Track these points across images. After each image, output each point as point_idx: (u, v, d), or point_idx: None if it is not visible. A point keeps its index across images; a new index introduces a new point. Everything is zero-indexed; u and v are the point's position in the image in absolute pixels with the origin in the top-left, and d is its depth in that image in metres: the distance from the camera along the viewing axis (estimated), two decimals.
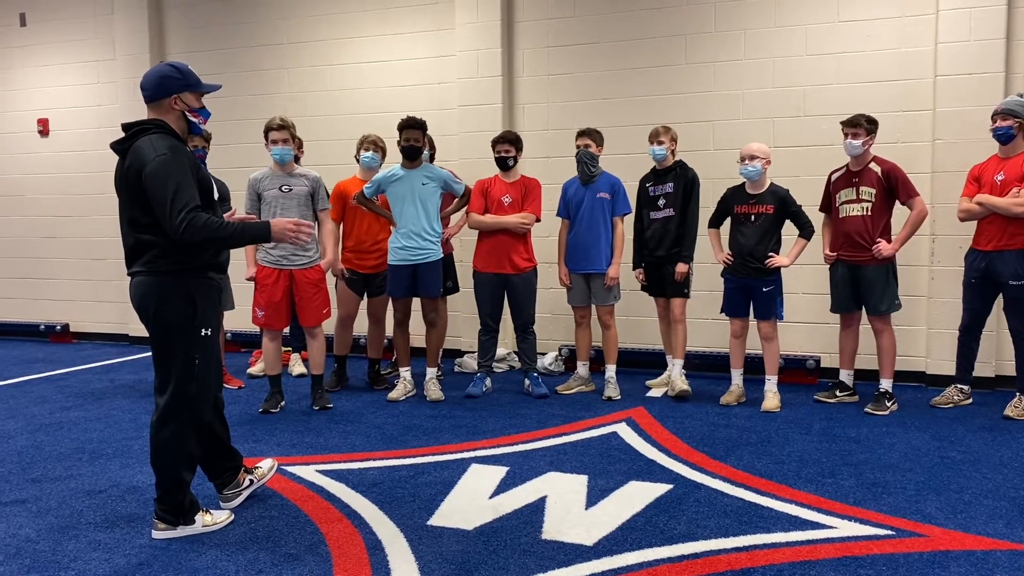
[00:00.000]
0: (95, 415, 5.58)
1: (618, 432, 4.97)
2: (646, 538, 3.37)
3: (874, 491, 3.90)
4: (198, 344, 3.41)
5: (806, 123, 6.34)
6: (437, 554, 3.24)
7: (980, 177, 5.29)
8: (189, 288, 3.37)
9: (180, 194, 3.17)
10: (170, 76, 3.39)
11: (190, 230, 3.17)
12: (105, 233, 8.66)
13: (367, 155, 6.10)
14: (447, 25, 7.27)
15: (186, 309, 3.35)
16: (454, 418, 5.36)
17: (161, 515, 3.44)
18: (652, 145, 5.81)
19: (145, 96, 3.41)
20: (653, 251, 5.88)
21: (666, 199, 5.81)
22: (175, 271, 3.34)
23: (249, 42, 8.03)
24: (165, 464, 3.42)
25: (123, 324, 8.63)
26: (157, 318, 3.35)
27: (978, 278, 5.29)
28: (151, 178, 3.19)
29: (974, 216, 5.28)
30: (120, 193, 3.38)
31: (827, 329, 6.13)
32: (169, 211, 3.16)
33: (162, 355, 3.40)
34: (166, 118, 3.40)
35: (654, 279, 5.94)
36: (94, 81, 8.62)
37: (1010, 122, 5.10)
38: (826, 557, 3.16)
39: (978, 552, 3.21)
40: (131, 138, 3.34)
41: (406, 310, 5.91)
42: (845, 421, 5.17)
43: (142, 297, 3.37)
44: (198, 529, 3.48)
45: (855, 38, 6.21)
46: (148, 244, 3.32)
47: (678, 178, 5.79)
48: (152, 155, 3.21)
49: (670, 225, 5.78)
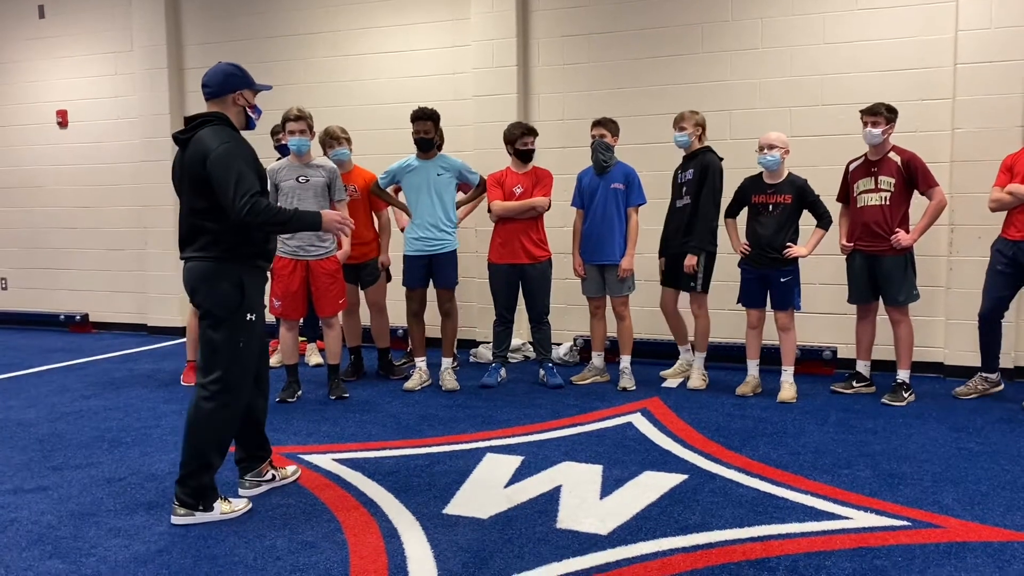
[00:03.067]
0: (114, 404, 5.64)
1: (633, 422, 4.97)
2: (661, 528, 3.37)
3: (890, 482, 3.88)
4: (244, 328, 3.55)
5: (824, 112, 6.29)
6: (452, 542, 3.26)
7: (1013, 167, 5.23)
8: (240, 274, 3.53)
9: (243, 180, 3.37)
10: (233, 74, 3.61)
11: (252, 213, 3.36)
12: (123, 223, 8.74)
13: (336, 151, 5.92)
14: (462, 15, 7.26)
15: (235, 294, 3.51)
16: (469, 408, 5.37)
17: (182, 498, 3.50)
18: (675, 131, 5.75)
19: (207, 92, 3.61)
20: (670, 240, 5.87)
21: (687, 187, 5.76)
22: (226, 258, 3.51)
23: (265, 32, 8.05)
24: (197, 444, 3.49)
25: (141, 314, 8.70)
26: (207, 301, 3.51)
27: (1006, 265, 5.24)
28: (215, 164, 3.38)
29: (1005, 206, 5.22)
30: (179, 181, 3.57)
31: (844, 320, 6.10)
32: (233, 195, 3.35)
33: (209, 337, 3.53)
34: (227, 112, 3.60)
35: (671, 269, 5.92)
36: (112, 72, 8.68)
37: None
38: (842, 548, 3.16)
39: (995, 544, 3.19)
40: (192, 129, 3.52)
41: (422, 301, 5.92)
42: (862, 412, 5.14)
43: (195, 281, 3.53)
44: (215, 516, 3.53)
45: (874, 26, 6.15)
46: (203, 230, 3.49)
47: (696, 164, 5.70)
48: (216, 143, 3.41)
49: (686, 214, 5.75)
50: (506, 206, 5.81)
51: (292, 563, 3.10)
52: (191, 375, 6.22)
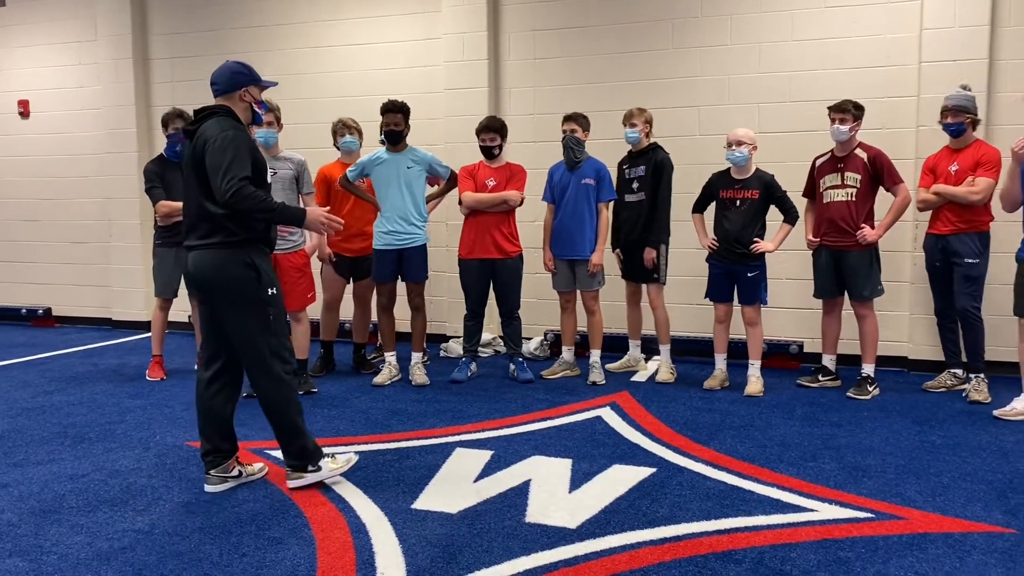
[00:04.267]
0: (78, 399, 5.55)
1: (602, 416, 4.99)
2: (629, 521, 3.39)
3: (855, 475, 3.94)
4: (269, 300, 3.69)
5: (791, 108, 6.35)
6: (421, 537, 3.25)
7: (935, 168, 5.42)
8: (249, 254, 3.65)
9: (234, 165, 3.49)
10: (240, 72, 3.77)
11: (236, 196, 3.46)
12: (87, 216, 8.60)
13: (346, 139, 6.08)
14: (433, 7, 7.22)
15: (250, 275, 3.63)
16: (439, 403, 5.36)
17: (293, 464, 3.77)
18: (626, 128, 5.86)
19: (215, 90, 3.75)
20: (627, 235, 5.93)
21: (639, 182, 5.86)
22: (233, 243, 3.61)
23: (232, 23, 7.95)
24: (278, 414, 3.72)
25: (106, 308, 8.57)
26: (225, 286, 3.62)
27: (941, 261, 5.41)
28: (212, 149, 3.52)
29: (931, 206, 5.43)
30: (188, 172, 3.67)
31: (810, 314, 6.16)
32: (221, 177, 3.47)
33: (237, 321, 3.65)
34: (234, 107, 3.74)
35: (627, 263, 5.99)
36: (75, 62, 8.52)
37: (961, 118, 5.24)
38: (806, 540, 3.20)
39: (955, 534, 3.25)
40: (199, 122, 3.66)
41: (391, 295, 5.89)
42: (827, 405, 5.21)
43: (205, 269, 3.63)
44: (326, 474, 3.79)
45: (841, 23, 6.22)
46: (207, 216, 3.59)
47: (649, 161, 5.82)
48: (217, 131, 3.56)
49: (642, 209, 5.83)
50: (478, 198, 5.80)
51: (259, 559, 3.07)
52: (157, 370, 6.14)
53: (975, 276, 5.29)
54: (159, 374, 6.13)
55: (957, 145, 5.34)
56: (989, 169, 5.21)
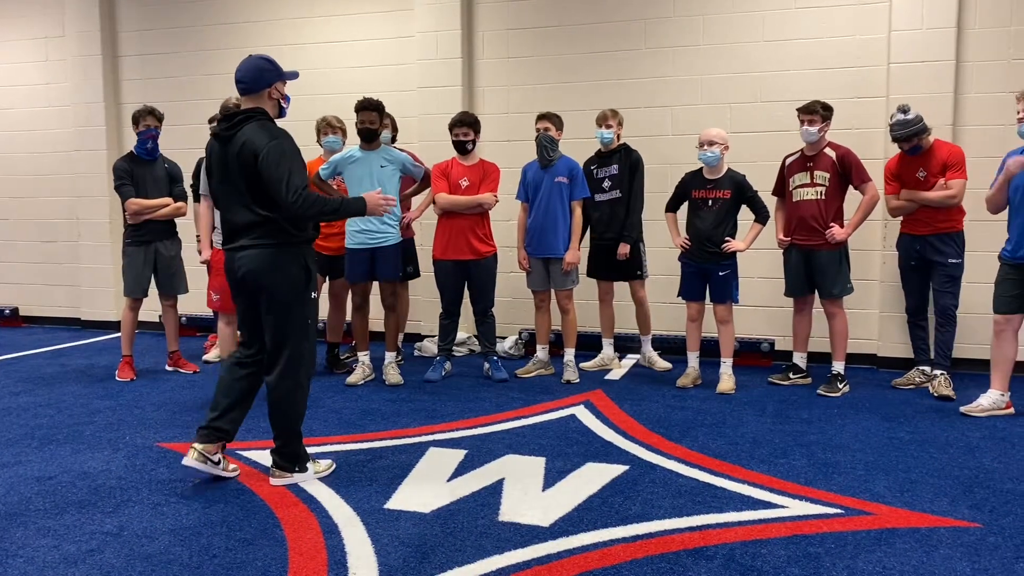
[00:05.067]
0: (45, 400, 5.47)
1: (576, 415, 5.00)
2: (602, 519, 3.40)
3: (825, 471, 3.98)
4: (310, 306, 3.79)
5: (762, 108, 6.40)
6: (393, 537, 3.24)
7: (901, 176, 5.50)
8: (303, 256, 3.75)
9: (294, 176, 3.58)
10: (266, 68, 3.73)
11: (304, 206, 3.58)
12: (56, 214, 8.47)
13: (329, 139, 6.05)
14: (406, 5, 7.19)
15: (302, 276, 3.72)
16: (413, 402, 5.35)
17: (280, 464, 3.84)
18: (600, 128, 5.92)
19: (241, 88, 3.73)
20: (602, 234, 5.96)
21: (611, 181, 5.94)
22: (290, 242, 3.69)
23: (202, 21, 7.87)
24: (284, 417, 3.79)
25: (75, 308, 8.45)
26: (275, 286, 3.67)
27: (917, 260, 5.46)
28: (266, 162, 3.56)
29: (905, 212, 5.51)
30: (225, 175, 3.69)
31: (781, 313, 6.22)
32: (285, 190, 3.55)
33: (280, 320, 3.70)
34: (263, 106, 3.73)
35: (602, 262, 6.03)
36: (43, 59, 8.39)
37: (916, 141, 5.32)
38: (777, 536, 3.23)
39: (923, 529, 3.29)
40: (235, 126, 3.65)
41: (364, 295, 5.87)
42: (798, 403, 5.26)
43: (260, 269, 3.66)
44: (309, 476, 3.86)
45: (811, 25, 6.28)
46: (265, 219, 3.65)
47: (623, 160, 5.92)
48: (266, 141, 3.58)
49: (618, 207, 5.91)
50: (453, 200, 5.79)
51: (229, 560, 3.05)
52: (126, 370, 6.07)
53: (957, 276, 5.40)
54: (129, 375, 6.06)
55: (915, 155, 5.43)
56: (958, 170, 5.30)
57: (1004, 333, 4.91)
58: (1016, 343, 4.96)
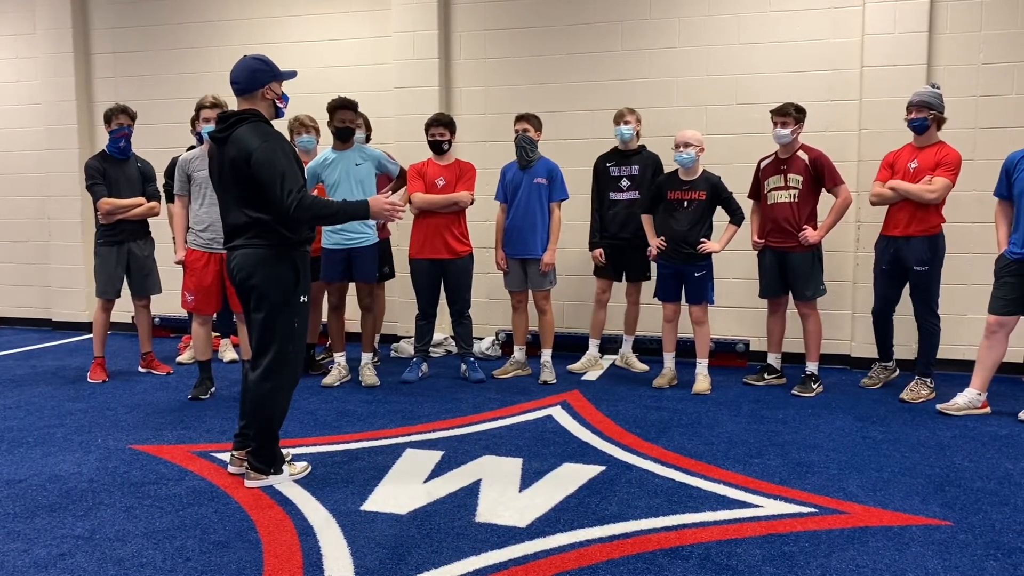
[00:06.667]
0: (15, 402, 5.39)
1: (553, 415, 5.01)
2: (578, 519, 3.41)
3: (799, 470, 4.01)
4: (299, 310, 3.75)
5: (738, 110, 6.45)
6: (370, 539, 3.22)
7: (894, 164, 5.44)
8: (295, 259, 3.71)
9: (288, 178, 3.54)
10: (260, 69, 3.69)
11: (300, 209, 3.54)
12: (26, 214, 8.35)
13: (303, 139, 6.01)
14: (382, 5, 7.17)
15: (292, 278, 3.70)
16: (389, 403, 5.33)
17: (256, 466, 3.79)
18: (619, 126, 5.92)
19: (236, 89, 3.70)
20: (616, 233, 5.95)
21: (631, 181, 5.93)
22: (282, 244, 3.67)
23: (176, 19, 7.79)
24: (264, 418, 3.75)
25: (45, 309, 8.34)
26: (265, 286, 3.66)
27: (889, 264, 5.45)
28: (260, 165, 3.53)
29: (886, 201, 5.43)
30: (221, 177, 3.69)
31: (756, 314, 6.27)
32: (280, 193, 3.52)
33: (267, 320, 3.68)
34: (257, 107, 3.71)
35: (615, 262, 6.02)
36: (12, 56, 8.27)
37: (925, 113, 5.22)
38: (752, 535, 3.25)
39: (895, 527, 3.33)
40: (229, 128, 3.62)
41: (341, 295, 5.84)
42: (772, 403, 5.30)
43: (250, 267, 3.65)
44: (284, 478, 3.83)
45: (785, 28, 6.33)
46: (258, 221, 3.63)
47: (644, 161, 5.93)
48: (257, 143, 3.55)
49: (635, 208, 5.87)
50: (428, 199, 5.77)
51: (203, 564, 3.02)
52: (98, 372, 5.99)
53: (927, 281, 5.31)
54: (101, 376, 5.99)
55: (921, 143, 5.32)
56: (948, 170, 5.19)
57: (996, 335, 4.91)
58: (1006, 346, 4.96)
